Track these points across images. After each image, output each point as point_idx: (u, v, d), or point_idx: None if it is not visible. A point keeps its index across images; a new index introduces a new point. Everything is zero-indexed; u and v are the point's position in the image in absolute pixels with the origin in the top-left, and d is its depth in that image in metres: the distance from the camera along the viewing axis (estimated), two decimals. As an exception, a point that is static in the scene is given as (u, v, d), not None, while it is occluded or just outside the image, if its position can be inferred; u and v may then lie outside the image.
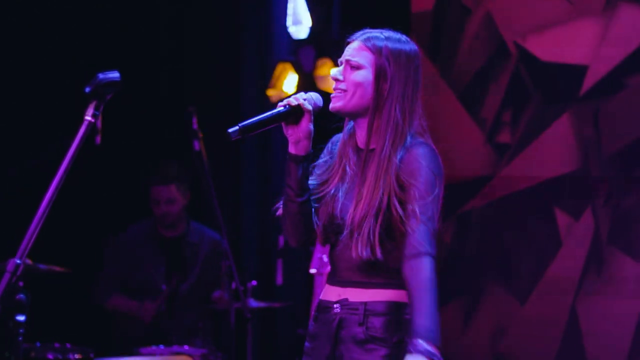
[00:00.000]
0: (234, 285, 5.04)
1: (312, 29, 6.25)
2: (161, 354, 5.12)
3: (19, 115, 6.00)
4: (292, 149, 2.87)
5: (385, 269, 2.82)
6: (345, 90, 2.85)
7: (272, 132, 6.57)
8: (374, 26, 2.98)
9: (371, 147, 2.86)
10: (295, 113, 2.84)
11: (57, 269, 4.91)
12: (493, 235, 6.00)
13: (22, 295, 2.32)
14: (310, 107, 2.85)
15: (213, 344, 5.51)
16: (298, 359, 5.50)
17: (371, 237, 2.77)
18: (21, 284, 2.54)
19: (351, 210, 2.80)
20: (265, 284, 5.95)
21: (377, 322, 2.81)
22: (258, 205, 6.60)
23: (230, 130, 2.79)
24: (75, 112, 5.24)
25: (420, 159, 2.79)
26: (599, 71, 5.73)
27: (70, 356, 5.00)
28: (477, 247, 6.04)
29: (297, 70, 6.25)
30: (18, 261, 2.36)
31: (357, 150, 2.91)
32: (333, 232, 2.87)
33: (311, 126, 2.86)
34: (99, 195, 5.92)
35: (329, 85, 6.06)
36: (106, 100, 2.48)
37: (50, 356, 4.99)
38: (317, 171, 2.96)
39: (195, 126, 5.15)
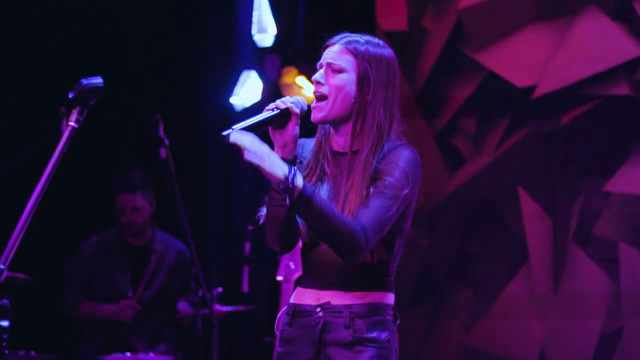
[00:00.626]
0: (200, 293, 5.03)
1: (277, 37, 6.26)
2: (126, 362, 5.11)
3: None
4: (279, 153, 2.84)
5: (370, 272, 2.84)
6: (326, 96, 2.85)
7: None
8: (338, 33, 2.98)
9: (354, 149, 2.86)
10: (283, 116, 2.84)
11: (20, 276, 4.87)
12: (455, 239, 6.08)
13: (5, 301, 2.30)
14: (298, 111, 2.84)
15: (178, 351, 5.50)
16: (265, 366, 5.55)
17: None
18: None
19: None
20: (230, 291, 5.94)
21: (362, 324, 2.81)
22: (221, 212, 6.59)
23: (224, 133, 2.77)
24: (44, 116, 5.26)
25: (398, 160, 2.80)
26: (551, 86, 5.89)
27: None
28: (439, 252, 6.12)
29: (262, 78, 6.25)
30: (1, 266, 2.35)
31: (334, 154, 2.90)
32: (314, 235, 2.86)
33: (297, 130, 2.85)
34: (63, 203, 5.88)
35: (294, 93, 6.11)
36: (89, 106, 2.47)
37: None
38: None
39: (161, 133, 5.13)
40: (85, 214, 6.03)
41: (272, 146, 2.85)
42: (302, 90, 6.07)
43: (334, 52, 2.87)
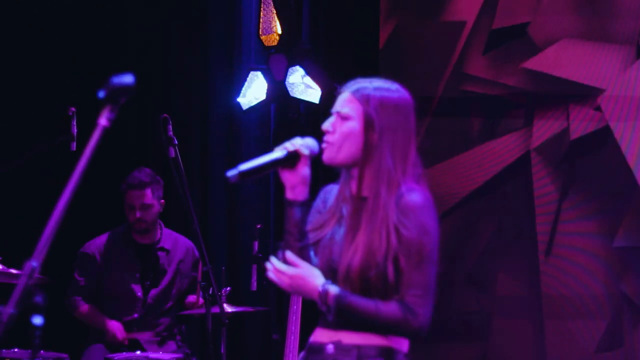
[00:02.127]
0: (211, 291, 5.05)
1: (282, 37, 6.28)
2: (136, 360, 5.13)
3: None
4: (289, 194, 2.88)
5: None
6: (332, 143, 2.87)
7: (240, 139, 6.62)
8: (343, 34, 3.01)
9: (363, 195, 2.86)
10: (292, 158, 2.85)
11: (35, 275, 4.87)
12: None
13: (39, 298, 2.33)
14: (307, 152, 2.86)
15: (188, 349, 5.52)
16: (274, 364, 5.57)
17: (368, 290, 2.81)
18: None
19: (346, 260, 2.82)
20: (237, 290, 5.96)
21: None
22: (227, 211, 6.62)
23: (229, 174, 2.81)
24: (51, 116, 5.28)
25: (417, 213, 2.80)
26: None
27: (46, 362, 4.99)
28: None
29: (268, 78, 6.28)
30: (34, 264, 2.37)
31: (352, 197, 2.90)
32: (331, 276, 2.87)
33: (308, 171, 2.88)
34: (73, 203, 5.89)
35: (300, 93, 6.14)
36: (120, 104, 2.49)
37: (24, 364, 4.97)
38: (313, 215, 2.97)
39: (170, 133, 5.15)
40: (94, 213, 6.05)
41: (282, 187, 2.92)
42: (309, 90, 6.10)
43: (343, 100, 2.90)
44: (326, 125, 2.90)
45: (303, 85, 6.17)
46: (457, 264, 6.14)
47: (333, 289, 2.77)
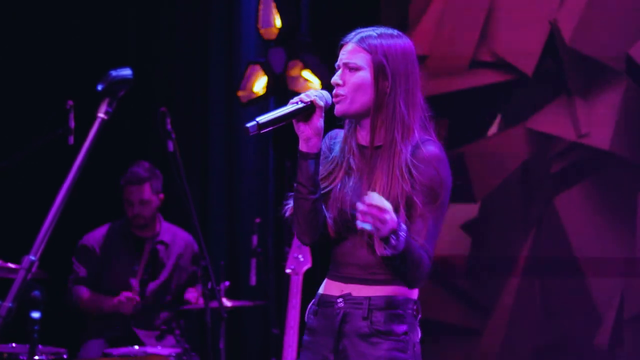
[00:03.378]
0: (209, 285, 5.04)
1: (281, 30, 6.26)
2: (135, 355, 5.10)
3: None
4: (303, 147, 2.87)
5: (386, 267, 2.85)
6: (345, 95, 2.87)
7: (240, 132, 6.59)
8: (343, 28, 3.00)
9: (377, 144, 2.87)
10: (308, 110, 2.85)
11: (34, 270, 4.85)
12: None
13: (37, 292, 2.31)
14: (322, 104, 2.86)
15: (187, 343, 5.50)
16: (275, 359, 5.57)
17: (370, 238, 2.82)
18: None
19: None
20: (236, 284, 5.95)
21: (380, 316, 2.84)
22: (226, 205, 6.60)
23: (248, 125, 2.80)
24: (49, 110, 5.26)
25: (434, 162, 2.83)
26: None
27: (44, 357, 4.96)
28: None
29: (267, 71, 6.25)
30: (32, 258, 2.35)
31: (360, 147, 2.92)
32: (344, 227, 2.89)
33: (322, 123, 2.87)
34: (71, 197, 5.87)
35: (300, 87, 6.12)
36: (119, 97, 2.47)
37: (23, 358, 4.95)
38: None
39: (169, 127, 5.14)
40: (93, 207, 6.03)
41: (296, 139, 2.88)
42: (308, 83, 6.07)
43: (348, 51, 2.89)
44: (335, 78, 2.89)
45: (302, 79, 6.15)
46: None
47: (402, 229, 2.72)
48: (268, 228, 6.11)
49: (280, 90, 6.19)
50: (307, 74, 6.14)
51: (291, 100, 2.88)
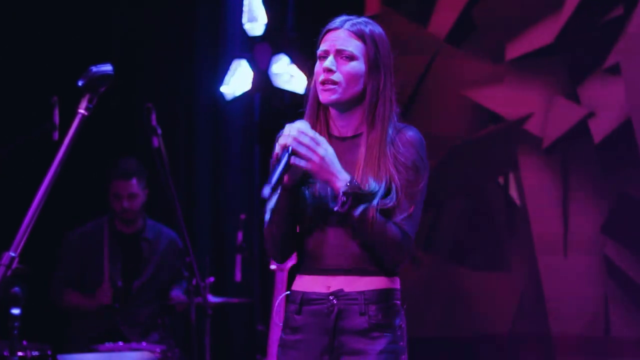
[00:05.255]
0: (194, 282, 5.03)
1: (267, 25, 6.25)
2: (119, 351, 5.09)
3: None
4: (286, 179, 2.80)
5: (373, 256, 2.84)
6: (339, 83, 2.84)
7: (225, 128, 6.58)
8: (328, 22, 2.97)
9: (359, 132, 2.87)
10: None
11: (18, 266, 4.83)
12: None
13: (17, 289, 2.30)
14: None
15: (171, 340, 5.50)
16: (260, 356, 5.56)
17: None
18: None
19: None
20: (221, 281, 5.94)
21: (376, 309, 2.82)
22: (211, 202, 6.59)
23: (264, 193, 2.64)
24: (34, 106, 5.24)
25: (416, 145, 2.85)
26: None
27: (28, 353, 4.94)
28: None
29: (253, 67, 6.24)
30: (13, 254, 2.34)
31: (335, 138, 2.89)
32: (322, 218, 2.84)
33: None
34: (55, 193, 5.85)
35: (285, 83, 6.10)
36: (99, 94, 2.46)
37: (6, 353, 4.92)
38: None
39: (154, 122, 5.12)
40: (77, 203, 6.01)
41: None
42: (293, 79, 6.07)
43: (342, 37, 2.84)
44: (329, 64, 2.84)
45: (288, 75, 6.13)
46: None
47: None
48: (253, 224, 6.10)
49: (265, 87, 6.18)
50: (292, 69, 6.13)
51: (277, 146, 2.77)
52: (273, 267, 5.23)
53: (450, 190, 6.11)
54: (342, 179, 2.73)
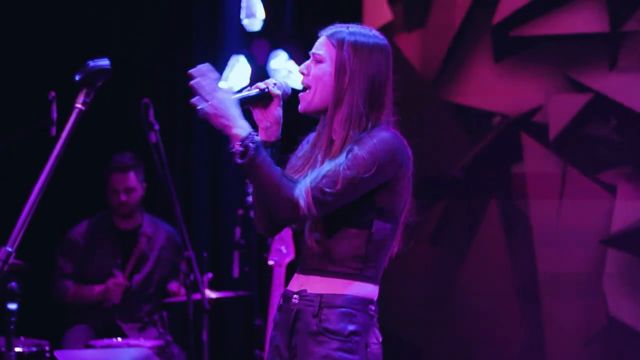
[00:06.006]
0: (192, 277, 5.03)
1: (265, 21, 6.24)
2: (117, 347, 5.09)
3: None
4: (261, 135, 2.84)
5: (337, 258, 2.81)
6: (309, 87, 2.86)
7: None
8: (327, 19, 2.99)
9: (333, 138, 2.85)
10: (263, 98, 2.84)
11: (18, 262, 4.83)
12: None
13: (13, 284, 2.29)
14: (278, 92, 2.85)
15: (169, 335, 5.49)
16: (258, 351, 5.56)
17: (314, 225, 2.80)
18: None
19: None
20: (219, 276, 5.94)
21: (331, 314, 2.80)
22: (209, 197, 6.58)
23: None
24: (31, 101, 5.23)
25: (375, 136, 2.76)
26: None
27: (26, 349, 4.93)
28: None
29: (251, 62, 6.23)
30: (9, 249, 2.34)
31: (330, 142, 2.88)
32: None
33: (280, 111, 2.86)
34: (53, 188, 5.85)
35: (283, 78, 6.09)
36: (96, 88, 2.45)
37: (3, 349, 4.92)
38: (292, 160, 2.95)
39: (151, 118, 5.11)
40: (75, 198, 6.01)
41: (255, 128, 2.84)
42: (291, 75, 6.06)
43: (319, 43, 2.89)
44: (302, 67, 2.90)
45: (286, 70, 6.13)
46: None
47: (258, 137, 2.70)
48: (251, 220, 6.09)
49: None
50: (290, 65, 6.13)
51: (249, 88, 2.86)
52: (271, 262, 5.24)
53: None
54: (239, 126, 2.70)
